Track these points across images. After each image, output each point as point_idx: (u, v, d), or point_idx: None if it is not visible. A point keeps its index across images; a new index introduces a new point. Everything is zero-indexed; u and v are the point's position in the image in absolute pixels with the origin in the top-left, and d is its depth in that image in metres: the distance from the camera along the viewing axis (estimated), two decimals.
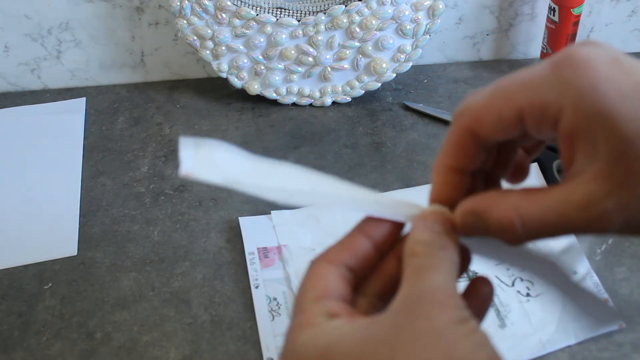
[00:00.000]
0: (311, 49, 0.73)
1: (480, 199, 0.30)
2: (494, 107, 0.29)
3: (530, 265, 0.32)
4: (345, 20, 0.71)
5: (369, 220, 0.32)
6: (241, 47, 0.73)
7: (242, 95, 0.77)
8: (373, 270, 0.32)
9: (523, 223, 0.28)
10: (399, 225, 0.32)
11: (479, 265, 0.58)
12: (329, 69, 0.74)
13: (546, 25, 0.78)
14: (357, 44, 0.73)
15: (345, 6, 0.70)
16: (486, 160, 0.32)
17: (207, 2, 0.70)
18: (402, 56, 0.74)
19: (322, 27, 0.71)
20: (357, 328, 0.28)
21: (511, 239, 0.29)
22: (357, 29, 0.71)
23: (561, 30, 0.76)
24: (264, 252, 0.59)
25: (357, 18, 0.71)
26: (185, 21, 0.71)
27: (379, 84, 0.75)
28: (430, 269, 0.29)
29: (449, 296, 0.28)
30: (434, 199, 0.32)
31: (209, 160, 0.30)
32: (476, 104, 0.30)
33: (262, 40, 0.72)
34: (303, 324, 0.30)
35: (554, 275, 0.32)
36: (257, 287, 0.56)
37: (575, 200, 0.27)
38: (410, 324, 0.27)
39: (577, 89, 0.27)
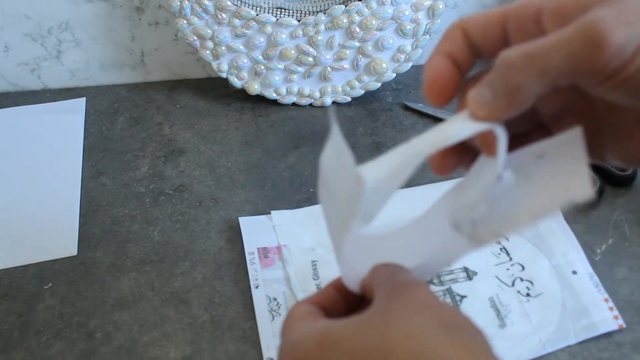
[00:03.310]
0: (311, 49, 0.73)
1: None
2: (483, 13, 0.31)
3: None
4: (345, 20, 0.71)
5: (339, 281, 0.37)
6: (241, 47, 0.73)
7: (242, 95, 0.77)
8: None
9: (523, 52, 0.27)
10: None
11: (479, 265, 0.58)
12: (329, 69, 0.74)
13: None
14: (357, 44, 0.73)
15: (345, 6, 0.70)
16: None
17: (207, 2, 0.70)
18: (402, 56, 0.74)
19: (322, 27, 0.71)
20: (349, 319, 0.31)
21: (510, 68, 0.27)
22: (357, 29, 0.71)
23: None
24: (264, 252, 0.59)
25: (357, 18, 0.71)
26: (185, 21, 0.71)
27: (379, 84, 0.75)
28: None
29: (422, 283, 0.32)
30: (429, 82, 0.32)
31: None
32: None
33: (262, 40, 0.72)
34: (294, 328, 0.33)
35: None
36: (257, 287, 0.56)
37: (582, 21, 0.26)
38: (397, 300, 0.31)
39: None
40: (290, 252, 0.59)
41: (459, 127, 0.29)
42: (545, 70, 0.26)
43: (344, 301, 0.36)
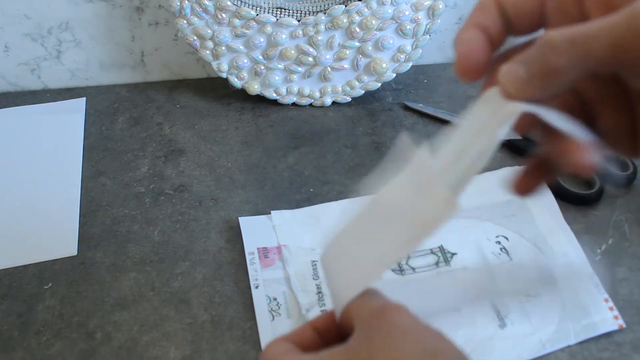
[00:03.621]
0: (311, 49, 0.73)
1: None
2: None
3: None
4: (345, 20, 0.71)
5: (318, 318, 0.37)
6: (241, 47, 0.73)
7: (242, 95, 0.78)
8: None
9: (568, 36, 0.26)
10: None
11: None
12: (329, 69, 0.74)
13: None
14: (357, 44, 0.73)
15: (345, 6, 0.70)
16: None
17: (207, 2, 0.70)
18: (402, 56, 0.74)
19: (322, 27, 0.71)
20: (332, 350, 0.32)
21: (552, 50, 0.26)
22: (357, 29, 0.71)
23: None
24: (264, 252, 0.59)
25: (357, 18, 0.71)
26: (185, 21, 0.71)
27: (379, 84, 0.75)
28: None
29: (400, 306, 0.32)
30: (461, 56, 0.30)
31: None
32: None
33: (262, 40, 0.72)
34: None
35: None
36: (257, 287, 0.56)
37: (631, 9, 0.25)
38: (378, 327, 0.31)
39: None
40: (290, 252, 0.59)
41: (495, 122, 0.28)
42: (588, 56, 0.26)
43: (322, 342, 0.36)
